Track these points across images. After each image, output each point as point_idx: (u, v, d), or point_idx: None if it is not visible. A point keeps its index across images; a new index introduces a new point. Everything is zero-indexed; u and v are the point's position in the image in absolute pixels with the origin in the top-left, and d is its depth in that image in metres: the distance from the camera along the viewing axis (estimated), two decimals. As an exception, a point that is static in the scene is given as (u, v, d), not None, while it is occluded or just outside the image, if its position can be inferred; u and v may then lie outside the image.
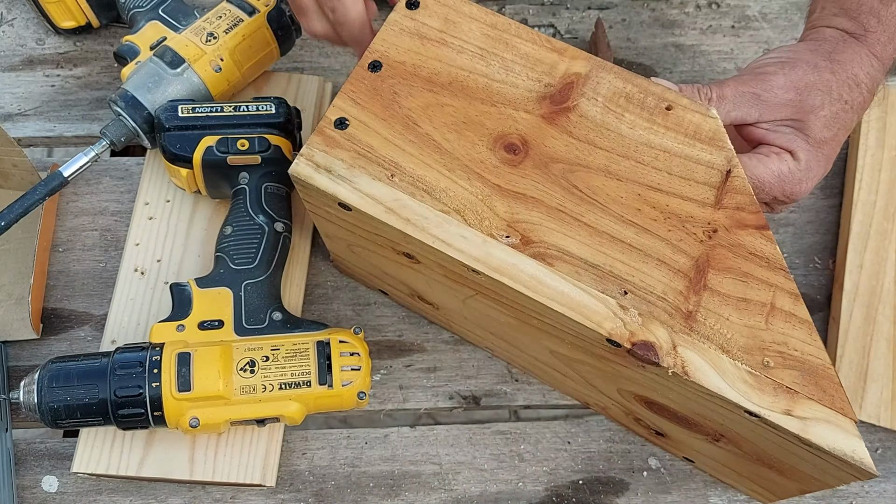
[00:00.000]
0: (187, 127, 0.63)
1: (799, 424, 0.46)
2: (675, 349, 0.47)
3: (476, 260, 0.49)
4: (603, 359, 0.51)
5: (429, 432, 0.65)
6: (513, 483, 0.64)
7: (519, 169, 0.51)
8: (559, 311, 0.48)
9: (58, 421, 0.56)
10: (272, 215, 0.63)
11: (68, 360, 0.57)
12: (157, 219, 0.68)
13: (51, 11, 0.74)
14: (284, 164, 0.64)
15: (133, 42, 0.68)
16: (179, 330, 0.59)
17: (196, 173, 0.64)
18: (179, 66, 0.66)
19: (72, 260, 0.69)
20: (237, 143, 0.63)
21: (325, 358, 0.58)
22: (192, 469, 0.60)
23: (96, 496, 0.62)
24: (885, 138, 0.70)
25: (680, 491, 0.64)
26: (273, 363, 0.57)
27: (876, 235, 0.67)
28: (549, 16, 0.81)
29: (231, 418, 0.57)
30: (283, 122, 0.64)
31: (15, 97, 0.75)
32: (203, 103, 0.64)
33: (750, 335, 0.48)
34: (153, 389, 0.55)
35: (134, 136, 0.66)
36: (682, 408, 0.52)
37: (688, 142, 0.52)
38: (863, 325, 0.65)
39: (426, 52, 0.54)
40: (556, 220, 0.50)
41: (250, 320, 0.59)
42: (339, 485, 0.63)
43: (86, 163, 0.64)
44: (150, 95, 0.65)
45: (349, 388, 0.58)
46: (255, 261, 0.61)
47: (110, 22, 0.77)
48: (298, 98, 0.73)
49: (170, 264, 0.67)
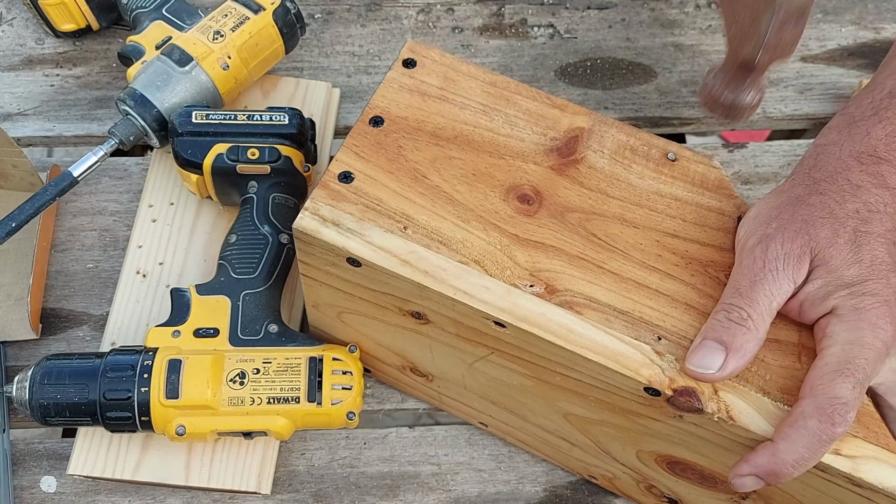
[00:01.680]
0: (200, 133, 0.63)
1: (849, 464, 0.44)
2: (717, 394, 0.45)
3: (502, 311, 0.47)
4: (630, 415, 0.49)
5: (427, 433, 0.65)
6: (511, 484, 0.63)
7: (535, 218, 0.50)
8: (594, 360, 0.46)
9: (47, 418, 0.56)
10: (278, 226, 0.62)
11: (63, 359, 0.57)
12: (160, 221, 0.68)
13: (51, 14, 0.74)
14: (294, 176, 0.63)
15: (138, 42, 0.68)
16: (175, 336, 0.59)
17: (206, 179, 0.64)
18: (188, 63, 0.66)
19: (70, 260, 0.69)
20: (247, 152, 0.62)
21: (316, 375, 0.57)
22: (187, 475, 0.60)
23: (95, 496, 0.62)
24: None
25: (680, 491, 0.63)
26: (263, 376, 0.57)
27: None
28: (549, 15, 0.80)
29: (217, 429, 0.56)
30: (295, 133, 0.63)
31: (14, 97, 0.75)
32: (217, 110, 0.64)
33: (787, 375, 0.46)
34: (142, 394, 0.55)
35: (143, 135, 0.66)
36: (713, 462, 0.50)
37: (696, 190, 0.52)
38: None
39: (428, 108, 0.53)
40: (579, 268, 0.49)
41: (246, 331, 0.59)
42: (338, 485, 0.63)
43: (95, 162, 0.64)
44: (160, 94, 0.65)
45: (338, 408, 0.57)
46: (255, 271, 0.61)
47: (110, 24, 0.77)
48: (306, 104, 0.73)
49: (172, 268, 0.67)
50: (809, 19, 0.78)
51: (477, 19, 0.80)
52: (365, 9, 0.80)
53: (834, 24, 0.78)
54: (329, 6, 0.80)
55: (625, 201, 0.51)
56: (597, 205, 0.51)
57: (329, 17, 0.80)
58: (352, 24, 0.79)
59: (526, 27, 0.80)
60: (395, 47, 0.78)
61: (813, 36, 0.78)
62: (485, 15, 0.80)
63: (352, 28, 0.79)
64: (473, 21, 0.80)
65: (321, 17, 0.80)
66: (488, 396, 0.58)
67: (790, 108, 0.76)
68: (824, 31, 0.78)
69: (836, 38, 0.78)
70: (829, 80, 0.76)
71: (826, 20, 0.79)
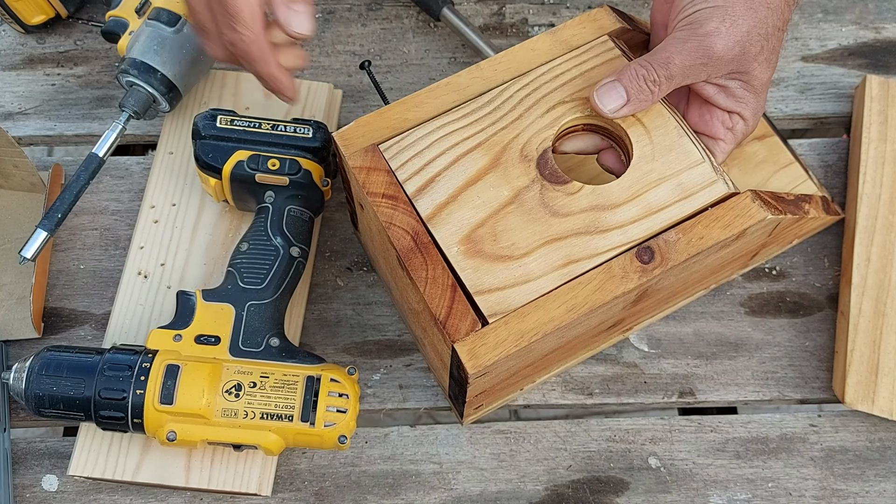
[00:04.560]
0: (223, 138, 0.63)
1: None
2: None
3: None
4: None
5: (429, 431, 0.65)
6: (513, 482, 0.63)
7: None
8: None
9: (41, 409, 0.56)
10: (290, 239, 0.62)
11: (63, 351, 0.58)
12: (161, 222, 0.68)
13: (19, 10, 0.74)
14: (312, 190, 0.63)
15: (118, 16, 0.68)
16: (176, 339, 0.59)
17: (224, 185, 0.64)
18: (177, 22, 0.66)
19: (72, 259, 0.69)
20: (268, 162, 0.62)
21: (312, 394, 0.57)
22: (187, 476, 0.60)
23: (96, 495, 0.62)
24: (886, 132, 0.70)
25: (680, 490, 0.63)
26: (259, 391, 0.56)
27: (882, 229, 0.67)
28: (550, 15, 0.80)
29: (208, 438, 0.56)
30: (318, 147, 0.63)
31: (15, 96, 0.75)
32: (242, 116, 0.64)
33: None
34: (136, 396, 0.55)
35: (152, 101, 0.67)
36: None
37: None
38: (872, 319, 0.64)
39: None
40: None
41: (247, 342, 0.59)
42: (340, 484, 0.63)
43: (115, 139, 0.65)
44: (159, 57, 0.65)
45: (331, 430, 0.57)
46: (263, 282, 0.60)
47: (77, 9, 0.77)
48: (308, 105, 0.72)
49: (173, 269, 0.67)
50: (810, 19, 0.78)
51: (478, 18, 0.80)
52: (366, 8, 0.80)
53: (834, 24, 0.78)
54: (330, 5, 0.80)
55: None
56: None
57: (330, 16, 0.80)
58: (353, 23, 0.79)
59: (527, 26, 0.80)
60: (395, 47, 0.78)
61: (813, 35, 0.78)
62: (486, 14, 0.80)
63: (353, 27, 0.79)
64: (474, 20, 0.80)
65: (322, 17, 0.79)
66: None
67: (791, 108, 0.76)
68: (825, 30, 0.78)
69: (837, 37, 0.78)
70: (830, 80, 0.76)
71: (826, 20, 0.79)
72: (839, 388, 0.64)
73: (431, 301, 0.49)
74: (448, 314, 0.49)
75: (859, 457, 0.65)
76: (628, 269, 0.50)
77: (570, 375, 0.66)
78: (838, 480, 0.64)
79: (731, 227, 0.52)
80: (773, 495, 0.64)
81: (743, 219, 0.52)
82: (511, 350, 0.48)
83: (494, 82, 0.56)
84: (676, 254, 0.51)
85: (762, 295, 0.69)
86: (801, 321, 0.68)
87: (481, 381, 0.52)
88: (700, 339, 0.68)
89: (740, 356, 0.67)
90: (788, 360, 0.67)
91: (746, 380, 0.67)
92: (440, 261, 0.51)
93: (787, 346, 0.68)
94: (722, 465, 0.64)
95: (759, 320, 0.68)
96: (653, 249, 0.51)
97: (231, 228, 0.68)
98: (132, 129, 0.72)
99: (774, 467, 0.64)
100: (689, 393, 0.66)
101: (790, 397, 0.67)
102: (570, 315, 0.49)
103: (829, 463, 0.64)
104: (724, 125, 0.57)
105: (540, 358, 0.56)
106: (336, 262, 0.70)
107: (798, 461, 0.65)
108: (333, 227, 0.71)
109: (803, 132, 0.80)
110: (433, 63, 0.78)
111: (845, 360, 0.64)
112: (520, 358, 0.51)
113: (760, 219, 0.52)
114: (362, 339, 0.67)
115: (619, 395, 0.66)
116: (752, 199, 0.53)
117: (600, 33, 0.58)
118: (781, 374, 0.67)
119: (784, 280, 0.70)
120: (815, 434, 0.65)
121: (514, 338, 0.48)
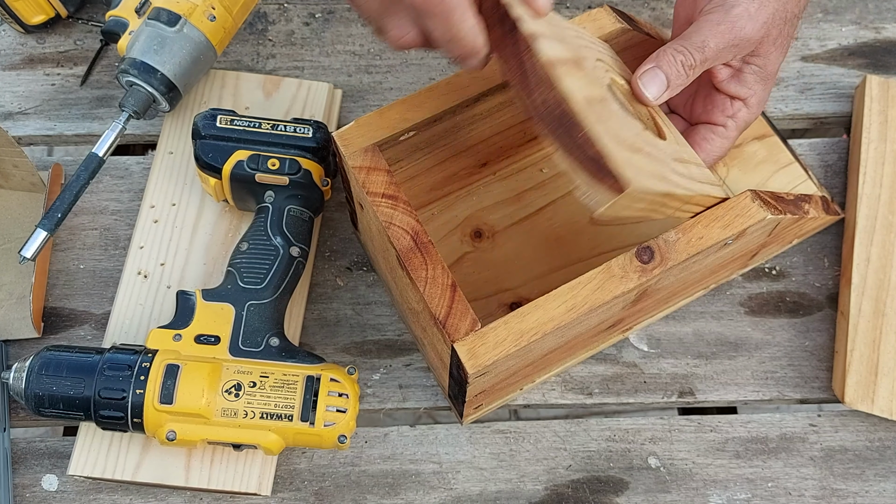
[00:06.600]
0: (223, 138, 0.63)
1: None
2: None
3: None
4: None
5: (428, 431, 0.65)
6: (512, 482, 0.63)
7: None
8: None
9: (40, 408, 0.56)
10: (290, 238, 0.62)
11: (63, 350, 0.58)
12: (161, 222, 0.68)
13: (19, 9, 0.74)
14: (311, 189, 0.63)
15: (118, 15, 0.68)
16: (176, 339, 0.59)
17: (224, 184, 0.64)
18: (177, 22, 0.66)
19: (72, 259, 0.69)
20: (268, 162, 0.62)
21: (312, 394, 0.57)
22: (187, 476, 0.60)
23: (96, 494, 0.62)
24: (886, 132, 0.70)
25: (680, 490, 0.63)
26: (259, 390, 0.56)
27: (882, 229, 0.67)
28: (550, 14, 0.80)
29: (208, 438, 0.56)
30: (317, 146, 0.63)
31: (15, 96, 0.75)
32: (242, 116, 0.64)
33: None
34: (136, 396, 0.56)
35: (152, 101, 0.67)
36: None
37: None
38: (872, 319, 0.64)
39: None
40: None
41: (247, 342, 0.59)
42: (339, 484, 0.63)
43: (114, 139, 0.65)
44: (159, 57, 0.65)
45: (330, 430, 0.57)
46: (263, 282, 0.60)
47: (77, 9, 0.77)
48: (308, 105, 0.72)
49: (173, 269, 0.67)
50: (810, 19, 0.78)
51: (478, 18, 0.80)
52: (366, 8, 0.80)
53: (834, 24, 0.78)
54: (330, 5, 0.80)
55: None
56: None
57: (330, 16, 0.80)
58: (353, 23, 0.79)
59: (527, 26, 0.80)
60: (395, 46, 0.78)
61: (813, 35, 0.78)
62: (485, 14, 0.80)
63: (353, 27, 0.79)
64: (474, 20, 0.79)
65: (322, 17, 0.80)
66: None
67: (791, 108, 0.76)
68: (825, 30, 0.78)
69: (837, 37, 0.78)
70: (830, 80, 0.76)
71: (826, 20, 0.79)
72: (839, 388, 0.64)
73: (431, 301, 0.49)
74: (448, 314, 0.49)
75: (859, 456, 0.65)
76: (628, 269, 0.50)
77: (569, 375, 0.66)
78: (838, 480, 0.64)
79: (730, 226, 0.52)
80: (773, 495, 0.64)
81: (743, 218, 0.52)
82: (511, 350, 0.48)
83: (494, 82, 0.56)
84: (676, 253, 0.51)
85: (762, 295, 0.69)
86: (801, 321, 0.68)
87: (481, 380, 0.52)
88: (700, 338, 0.68)
89: (740, 356, 0.67)
90: (788, 360, 0.67)
91: (746, 379, 0.67)
92: (440, 261, 0.51)
93: (786, 345, 0.68)
94: (722, 464, 0.64)
95: (759, 320, 0.68)
96: (652, 249, 0.51)
97: (231, 228, 0.68)
98: (132, 128, 0.72)
99: (774, 467, 0.64)
100: (689, 393, 0.66)
101: (790, 397, 0.67)
102: (570, 315, 0.49)
103: (829, 463, 0.64)
104: (725, 112, 0.58)
105: (539, 357, 0.56)
106: (336, 261, 0.70)
107: (798, 461, 0.65)
108: (333, 226, 0.71)
109: (803, 132, 0.80)
110: (433, 63, 0.78)
111: (845, 359, 0.64)
112: (519, 358, 0.51)
113: (760, 219, 0.52)
114: (362, 339, 0.67)
115: (618, 394, 0.66)
116: (751, 198, 0.53)
117: (600, 33, 0.58)
118: (781, 374, 0.67)
119: (784, 280, 0.70)
120: (815, 434, 0.65)
121: (513, 337, 0.49)
